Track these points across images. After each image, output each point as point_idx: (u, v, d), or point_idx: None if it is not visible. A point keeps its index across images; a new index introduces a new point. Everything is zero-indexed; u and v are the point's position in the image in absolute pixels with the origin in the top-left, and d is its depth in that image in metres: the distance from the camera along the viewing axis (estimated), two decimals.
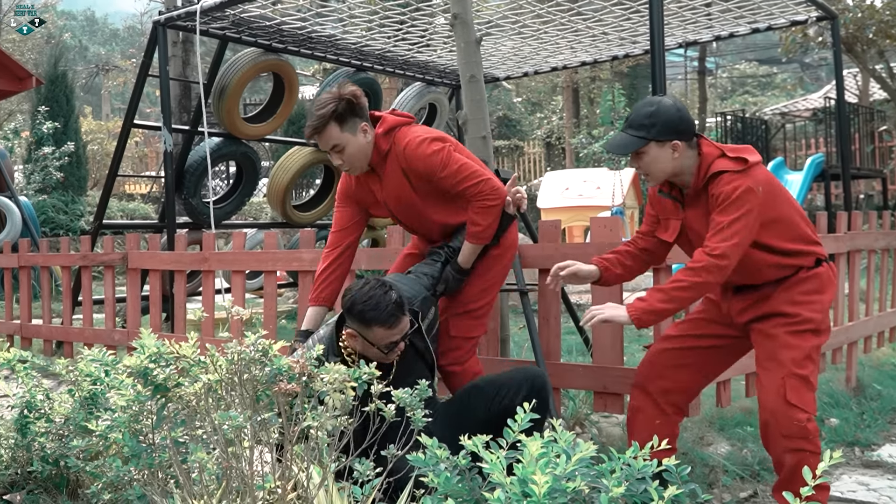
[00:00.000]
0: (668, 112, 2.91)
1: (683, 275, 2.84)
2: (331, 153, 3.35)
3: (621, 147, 2.96)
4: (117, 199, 17.91)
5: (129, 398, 2.54)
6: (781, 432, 2.86)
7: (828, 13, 6.63)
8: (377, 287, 2.88)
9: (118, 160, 7.43)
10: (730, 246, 2.80)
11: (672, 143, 2.90)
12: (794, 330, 2.92)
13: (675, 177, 2.99)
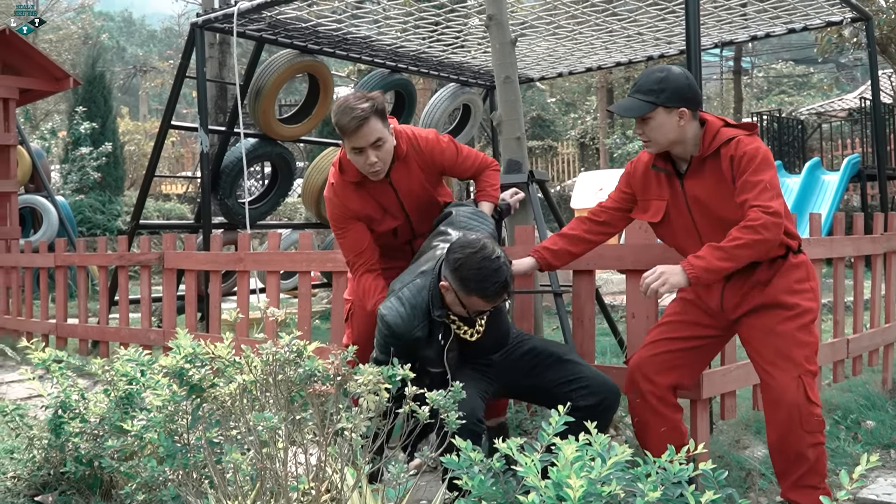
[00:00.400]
0: (678, 80, 2.94)
1: (741, 233, 2.81)
2: (368, 150, 3.22)
3: (630, 110, 2.98)
4: (154, 200, 18.11)
5: (165, 398, 2.56)
6: (805, 429, 2.91)
7: (862, 14, 6.55)
8: (491, 259, 2.82)
9: (155, 161, 7.52)
10: (781, 203, 2.83)
11: (679, 111, 2.92)
12: (802, 324, 2.96)
13: (676, 146, 3.00)
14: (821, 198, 11.90)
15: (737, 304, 3.05)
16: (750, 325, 3.04)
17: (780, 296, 2.97)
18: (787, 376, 2.92)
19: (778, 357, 2.95)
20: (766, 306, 2.99)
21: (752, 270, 2.99)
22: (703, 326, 3.18)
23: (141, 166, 18.61)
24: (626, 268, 3.79)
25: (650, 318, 3.70)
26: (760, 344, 3.01)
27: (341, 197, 3.41)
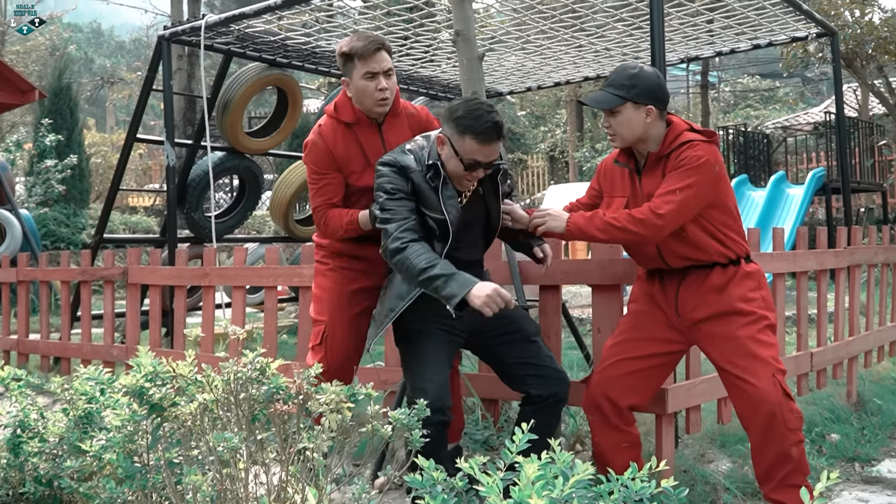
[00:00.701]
0: (649, 78, 3.03)
1: (626, 219, 2.96)
2: (380, 76, 3.25)
3: (600, 102, 3.06)
4: (120, 213, 17.93)
5: (125, 418, 2.53)
6: (787, 426, 2.96)
7: (827, 30, 6.65)
8: (485, 105, 2.98)
9: (120, 174, 7.46)
10: (670, 210, 2.91)
11: (647, 108, 3.01)
12: (760, 328, 3.03)
13: (640, 143, 3.08)
14: (786, 211, 12.03)
15: (693, 308, 3.10)
16: (711, 336, 3.09)
17: (736, 303, 3.03)
18: (760, 377, 2.97)
19: (748, 360, 3.00)
20: (723, 314, 3.04)
21: (707, 273, 3.07)
22: (660, 341, 3.21)
23: (107, 179, 18.42)
24: (592, 282, 3.81)
25: None
26: (726, 351, 3.05)
27: (327, 139, 3.34)
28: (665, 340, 3.21)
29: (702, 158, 2.94)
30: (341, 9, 6.91)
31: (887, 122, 17.19)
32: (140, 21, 47.73)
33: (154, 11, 25.72)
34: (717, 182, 3.00)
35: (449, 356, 3.18)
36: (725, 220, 3.08)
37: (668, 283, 3.17)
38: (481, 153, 2.96)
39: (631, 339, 3.24)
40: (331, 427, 2.08)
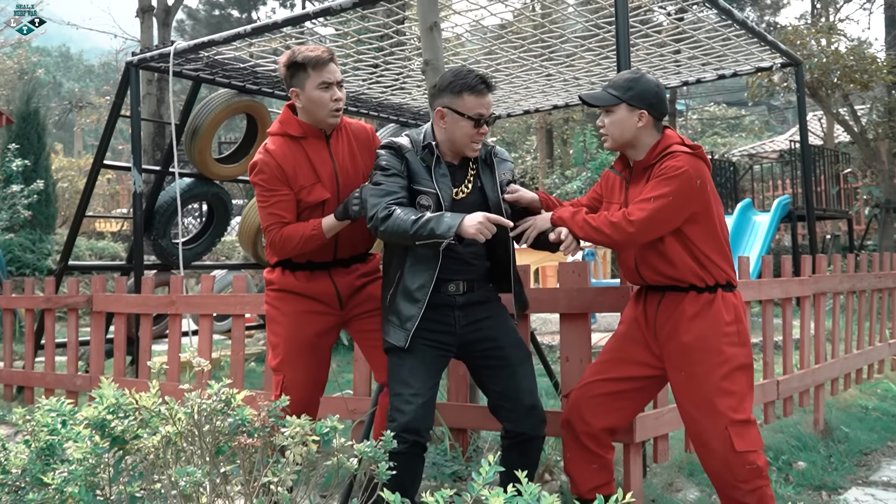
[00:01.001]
0: (647, 84, 3.09)
1: (603, 221, 3.02)
2: (334, 87, 3.25)
3: (596, 99, 3.13)
4: (86, 238, 17.73)
5: (86, 450, 2.48)
6: (736, 479, 2.95)
7: (792, 60, 6.76)
8: (466, 68, 3.17)
9: (86, 201, 7.39)
10: (642, 218, 2.94)
11: (640, 112, 3.06)
12: (725, 373, 3.00)
13: (631, 147, 3.13)
14: (752, 238, 12.17)
15: (667, 335, 3.10)
16: (677, 370, 3.08)
17: (708, 341, 3.01)
18: (711, 428, 2.98)
19: (704, 408, 3.00)
20: (693, 349, 3.03)
21: (681, 298, 3.07)
22: (639, 364, 3.21)
23: (73, 204, 18.21)
24: (560, 311, 3.82)
25: (584, 361, 3.73)
26: (687, 391, 3.06)
27: (276, 155, 3.26)
28: (644, 364, 3.21)
29: (680, 169, 2.95)
30: (312, 36, 6.92)
31: (852, 150, 17.48)
32: (109, 45, 47.50)
33: (123, 36, 25.57)
34: (697, 195, 2.99)
35: (436, 373, 3.18)
36: (707, 241, 3.06)
37: (649, 305, 3.17)
38: (482, 105, 3.10)
39: (611, 359, 3.25)
40: (296, 460, 2.05)
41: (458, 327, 3.16)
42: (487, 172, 3.26)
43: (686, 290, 3.06)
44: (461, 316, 3.17)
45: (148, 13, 17.91)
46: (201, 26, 37.87)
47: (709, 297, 3.05)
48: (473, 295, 3.22)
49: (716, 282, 3.07)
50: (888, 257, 6.81)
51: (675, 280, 3.06)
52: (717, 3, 5.34)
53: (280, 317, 3.41)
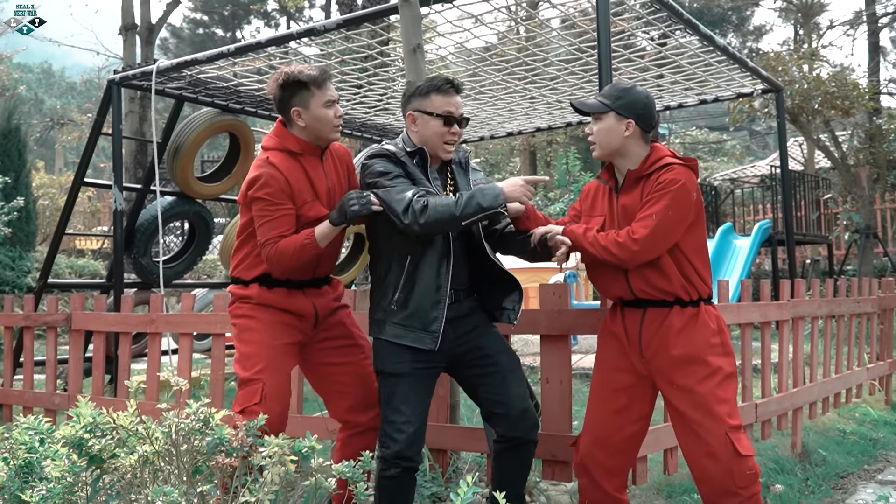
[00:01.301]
0: (637, 96, 3.13)
1: (609, 240, 3.04)
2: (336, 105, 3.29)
3: (586, 106, 3.17)
4: (66, 256, 17.62)
5: (64, 469, 2.46)
6: (737, 485, 2.98)
7: (773, 86, 6.83)
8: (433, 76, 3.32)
9: (66, 219, 7.36)
10: (645, 235, 2.97)
11: (628, 122, 3.09)
12: (718, 381, 3.04)
13: (618, 157, 3.15)
14: (733, 262, 12.24)
15: (654, 352, 3.11)
16: (669, 383, 3.10)
17: (697, 352, 3.05)
18: (711, 434, 3.00)
19: (702, 415, 3.02)
20: (683, 363, 3.05)
21: (666, 313, 3.09)
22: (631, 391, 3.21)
23: (54, 221, 18.08)
24: (540, 332, 3.83)
25: (564, 382, 3.74)
26: (682, 402, 3.07)
27: (282, 169, 3.23)
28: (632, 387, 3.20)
29: (678, 182, 3.00)
30: (296, 56, 6.94)
31: (833, 175, 17.66)
32: (92, 63, 47.28)
33: (106, 54, 25.50)
34: (694, 207, 3.05)
35: (427, 396, 3.22)
36: (697, 252, 3.11)
37: (629, 323, 3.18)
38: (450, 104, 3.18)
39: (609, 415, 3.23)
40: (274, 480, 2.05)
41: (447, 342, 3.16)
42: (463, 176, 3.32)
43: (671, 305, 3.09)
44: (450, 331, 3.17)
45: (131, 31, 17.90)
46: (185, 45, 37.89)
47: (692, 310, 3.09)
48: (461, 306, 3.23)
49: (699, 296, 3.11)
50: (867, 282, 6.87)
51: (665, 293, 3.08)
52: (699, 29, 5.40)
53: (257, 325, 3.33)
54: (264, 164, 3.26)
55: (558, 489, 4.22)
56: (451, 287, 3.17)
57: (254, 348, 3.31)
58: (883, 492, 4.50)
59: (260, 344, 3.31)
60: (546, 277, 11.06)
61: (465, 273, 3.26)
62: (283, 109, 3.30)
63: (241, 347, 3.36)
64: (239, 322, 3.40)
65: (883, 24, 22.98)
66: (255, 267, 3.36)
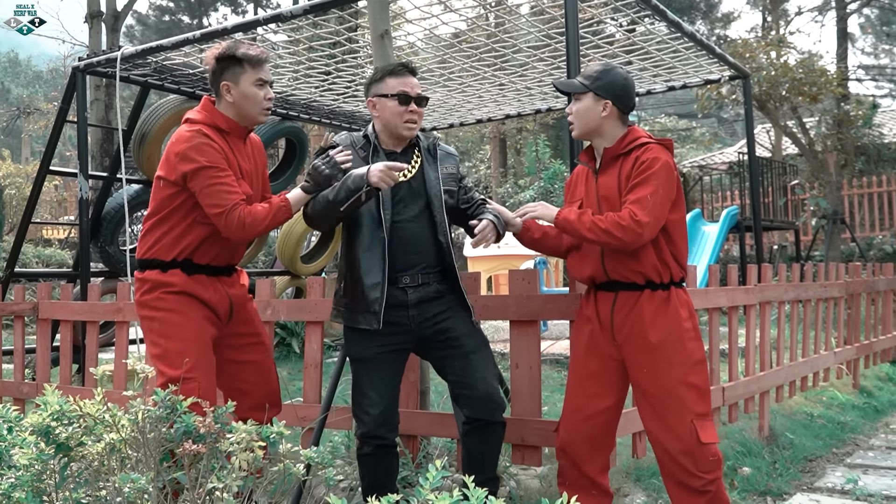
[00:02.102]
0: (616, 77, 3.15)
1: (610, 223, 3.01)
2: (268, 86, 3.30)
3: (566, 86, 3.22)
4: (33, 245, 17.42)
5: (32, 457, 2.45)
6: (699, 470, 3.02)
7: (740, 73, 6.88)
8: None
9: (32, 207, 7.27)
10: (650, 219, 2.98)
11: (605, 102, 3.12)
12: (687, 368, 3.07)
13: (596, 135, 3.18)
14: (702, 248, 12.34)
15: (626, 335, 3.14)
16: (639, 366, 3.13)
17: (669, 339, 3.08)
18: (676, 421, 3.04)
19: (669, 401, 3.06)
20: (654, 347, 3.08)
21: (637, 297, 3.12)
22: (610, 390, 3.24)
23: (21, 210, 17.85)
24: (509, 318, 3.85)
25: (533, 367, 3.76)
26: (651, 387, 3.10)
27: (215, 139, 3.18)
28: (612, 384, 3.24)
29: (659, 160, 3.04)
30: (263, 43, 6.88)
31: (800, 161, 17.83)
32: (58, 51, 46.63)
33: (72, 42, 25.17)
34: (676, 184, 3.10)
35: (394, 376, 3.29)
36: (676, 233, 3.14)
37: (601, 306, 3.21)
38: (405, 84, 3.24)
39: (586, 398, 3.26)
40: (241, 466, 2.04)
41: (414, 325, 3.24)
42: (432, 163, 3.33)
43: (641, 288, 3.12)
44: (416, 315, 3.23)
45: (97, 18, 17.66)
46: (151, 32, 37.45)
47: (663, 294, 3.12)
48: (428, 290, 3.26)
49: (671, 279, 3.14)
50: (833, 267, 6.96)
51: (637, 273, 3.11)
52: (667, 16, 5.42)
53: (183, 319, 3.22)
54: (197, 134, 3.18)
55: (528, 473, 4.24)
56: (411, 271, 3.22)
57: (181, 344, 3.18)
58: (852, 475, 4.57)
59: (189, 339, 3.20)
60: (516, 264, 11.09)
61: (431, 256, 3.27)
62: (215, 82, 3.28)
63: (164, 343, 3.21)
64: (161, 315, 3.24)
65: (851, 11, 23.22)
66: (173, 248, 3.25)
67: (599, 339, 3.22)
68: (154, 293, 3.25)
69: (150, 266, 3.26)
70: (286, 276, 8.93)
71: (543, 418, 3.82)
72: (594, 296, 3.26)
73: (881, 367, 7.90)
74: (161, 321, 3.23)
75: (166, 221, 3.25)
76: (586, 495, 3.25)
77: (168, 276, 3.24)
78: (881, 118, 20.18)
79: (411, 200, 3.25)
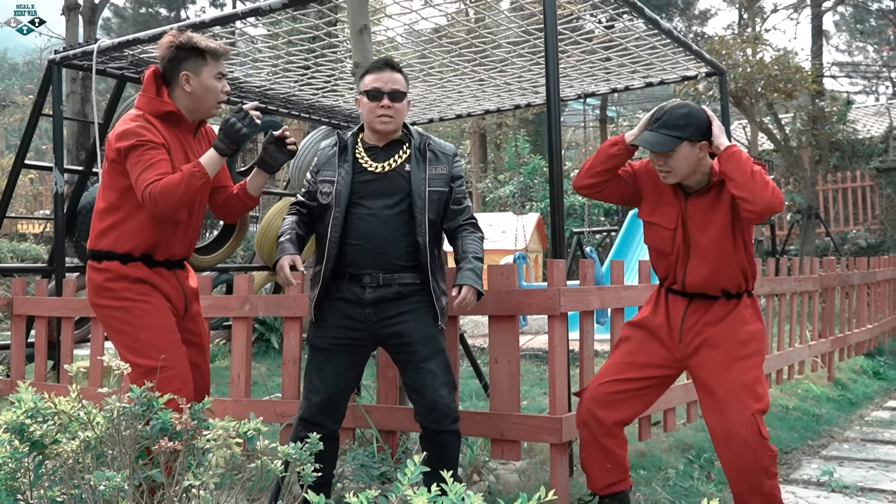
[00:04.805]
0: (700, 116, 3.15)
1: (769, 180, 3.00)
2: (223, 80, 3.32)
3: (659, 145, 3.11)
4: (8, 240, 17.25)
5: (6, 455, 2.42)
6: (761, 464, 3.08)
7: (716, 69, 6.91)
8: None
9: (7, 201, 7.19)
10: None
11: (701, 144, 3.12)
12: (752, 364, 3.16)
13: (691, 176, 3.18)
14: None
15: (694, 337, 3.23)
16: (703, 366, 3.21)
17: (734, 336, 3.18)
18: (739, 412, 3.09)
19: (732, 395, 3.12)
20: (722, 345, 3.17)
21: (711, 304, 3.22)
22: (656, 367, 3.33)
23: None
24: (488, 313, 3.85)
25: (511, 362, 3.77)
26: (714, 381, 3.17)
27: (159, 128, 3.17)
28: (660, 366, 3.33)
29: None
30: (242, 36, 6.84)
31: (776, 157, 17.96)
32: (34, 43, 46.13)
33: (49, 34, 24.93)
34: None
35: (345, 368, 3.31)
36: (748, 251, 3.25)
37: (673, 314, 3.29)
38: (378, 80, 3.28)
39: (628, 363, 3.35)
40: (218, 463, 2.03)
41: (369, 323, 3.26)
42: (421, 163, 3.31)
43: (716, 298, 3.23)
44: (371, 313, 3.25)
45: (74, 11, 17.50)
46: (128, 25, 37.13)
47: (735, 301, 3.24)
48: (387, 290, 3.24)
49: (746, 288, 3.27)
50: (808, 262, 7.02)
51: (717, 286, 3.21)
52: (644, 13, 5.44)
53: (153, 310, 3.20)
54: (139, 118, 3.17)
55: (507, 468, 4.26)
56: (372, 270, 3.23)
57: (153, 334, 3.17)
58: (827, 467, 4.61)
59: (160, 330, 3.19)
60: (496, 259, 11.11)
61: (402, 256, 3.26)
62: (172, 71, 3.24)
63: (134, 332, 3.17)
64: (129, 305, 3.19)
65: (826, 9, 23.36)
66: (131, 237, 3.22)
67: (665, 340, 3.31)
68: (120, 283, 3.21)
69: (108, 258, 3.22)
70: (265, 271, 8.89)
71: (522, 412, 3.83)
72: (665, 297, 3.35)
73: (856, 360, 7.99)
74: (129, 311, 3.19)
75: (118, 209, 3.23)
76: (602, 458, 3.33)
77: (129, 268, 3.21)
78: (855, 114, 20.38)
79: (386, 197, 3.25)
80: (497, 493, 3.84)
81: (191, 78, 3.23)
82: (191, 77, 3.23)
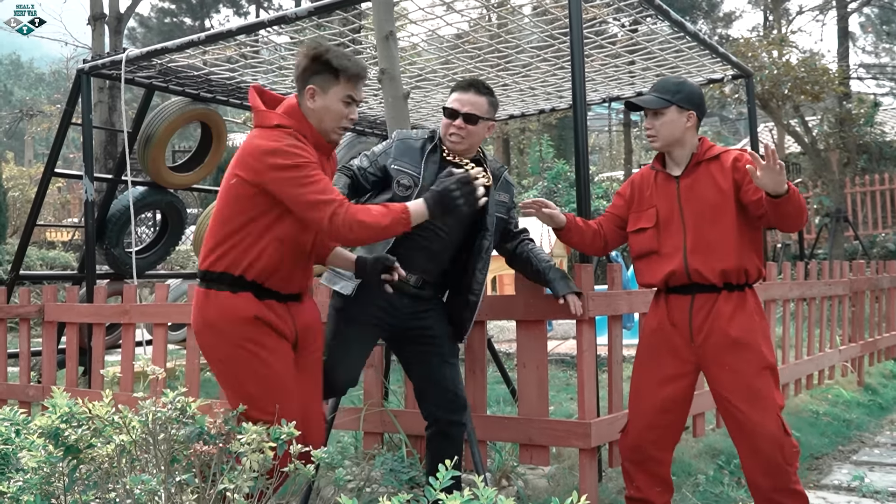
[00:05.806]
0: (693, 88, 3.28)
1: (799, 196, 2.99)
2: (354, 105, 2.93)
3: (647, 103, 3.24)
4: (37, 248, 17.42)
5: (40, 459, 2.45)
6: (787, 462, 3.08)
7: (743, 72, 6.87)
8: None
9: (37, 210, 7.29)
10: None
11: (689, 113, 3.22)
12: (767, 363, 3.15)
13: (677, 146, 3.26)
14: None
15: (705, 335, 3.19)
16: (719, 365, 3.18)
17: (747, 335, 3.15)
18: (765, 415, 3.08)
19: (753, 396, 3.10)
20: (733, 345, 3.15)
21: (715, 297, 3.19)
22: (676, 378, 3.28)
23: (24, 213, 17.87)
24: (517, 318, 3.85)
25: (540, 367, 3.76)
26: (732, 384, 3.15)
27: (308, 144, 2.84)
28: (678, 376, 3.28)
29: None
30: (267, 44, 6.89)
31: (803, 160, 17.82)
32: (60, 53, 46.70)
33: (75, 44, 25.17)
34: None
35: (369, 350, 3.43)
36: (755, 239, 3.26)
37: (677, 310, 3.26)
38: (458, 101, 3.33)
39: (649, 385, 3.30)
40: (252, 467, 2.05)
41: (404, 314, 3.36)
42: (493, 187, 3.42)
43: (719, 290, 3.20)
44: (408, 303, 3.35)
45: (100, 21, 17.66)
46: (153, 34, 37.45)
47: (740, 294, 3.21)
48: (423, 292, 3.40)
49: (746, 280, 3.23)
50: (837, 266, 6.96)
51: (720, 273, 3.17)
52: (670, 15, 5.42)
53: (269, 355, 2.81)
54: (288, 135, 2.81)
55: (536, 473, 4.25)
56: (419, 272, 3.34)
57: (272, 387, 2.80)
58: (858, 472, 4.57)
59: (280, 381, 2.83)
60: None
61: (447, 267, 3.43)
62: (302, 80, 2.91)
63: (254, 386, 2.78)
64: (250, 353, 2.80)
65: (852, 10, 23.20)
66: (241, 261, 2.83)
67: (676, 343, 3.26)
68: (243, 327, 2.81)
69: (220, 281, 2.85)
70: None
71: (550, 417, 3.83)
72: (665, 300, 3.31)
73: (885, 365, 7.89)
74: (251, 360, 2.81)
75: (239, 231, 2.85)
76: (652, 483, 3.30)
77: (239, 298, 2.81)
78: (882, 116, 20.15)
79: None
80: (526, 499, 3.84)
81: (317, 94, 2.87)
82: (317, 93, 2.87)
